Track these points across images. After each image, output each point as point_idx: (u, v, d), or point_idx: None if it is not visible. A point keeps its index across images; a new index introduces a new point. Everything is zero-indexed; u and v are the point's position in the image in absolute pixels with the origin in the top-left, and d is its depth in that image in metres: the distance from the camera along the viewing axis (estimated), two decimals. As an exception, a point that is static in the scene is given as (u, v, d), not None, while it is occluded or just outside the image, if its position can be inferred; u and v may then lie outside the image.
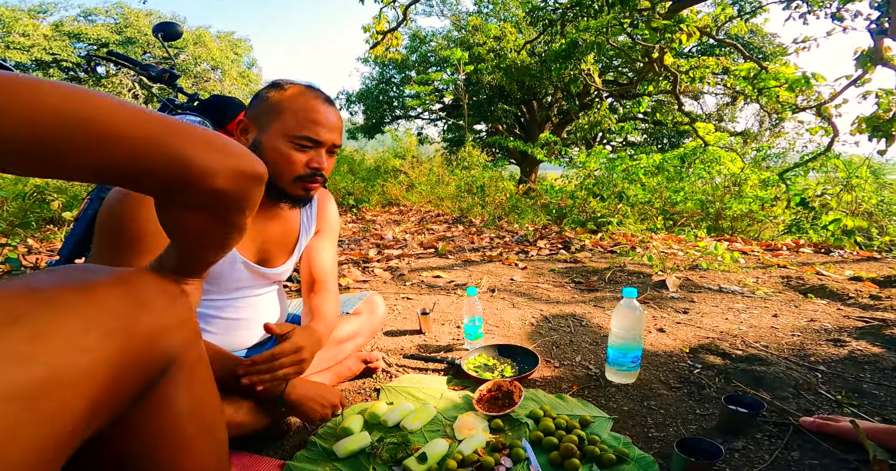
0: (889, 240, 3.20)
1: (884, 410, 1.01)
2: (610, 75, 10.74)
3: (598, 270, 2.35)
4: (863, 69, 3.36)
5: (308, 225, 1.08)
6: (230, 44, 16.30)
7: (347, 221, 4.50)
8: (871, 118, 3.31)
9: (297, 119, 0.85)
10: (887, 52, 3.26)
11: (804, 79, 4.03)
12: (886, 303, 1.76)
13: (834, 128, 3.87)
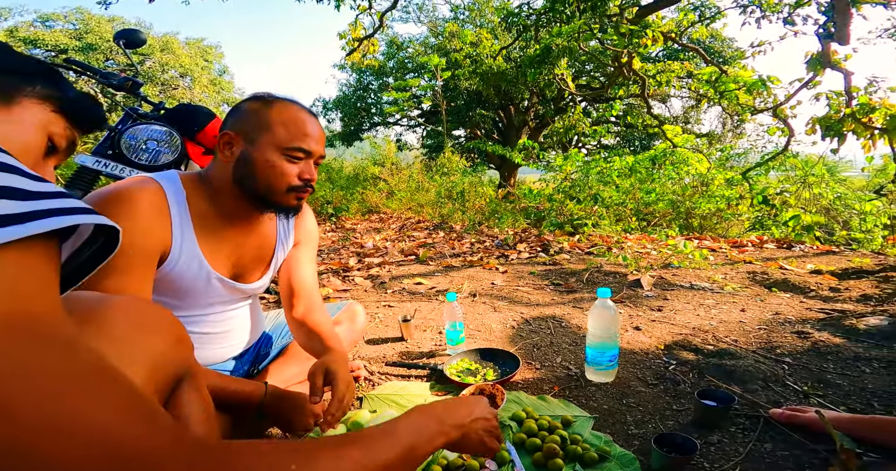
0: (847, 234, 3.36)
1: (848, 399, 1.05)
2: (583, 80, 10.98)
3: (576, 271, 2.39)
4: (813, 72, 3.54)
5: (285, 238, 1.06)
6: (200, 50, 15.88)
7: (326, 230, 4.44)
8: (824, 119, 3.47)
9: (288, 131, 0.86)
10: (834, 56, 3.43)
11: (761, 82, 4.21)
12: (845, 294, 1.84)
13: (790, 128, 4.05)
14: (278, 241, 1.04)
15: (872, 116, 3.24)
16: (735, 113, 5.49)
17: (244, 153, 0.86)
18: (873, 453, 0.83)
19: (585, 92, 9.78)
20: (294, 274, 1.07)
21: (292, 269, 1.08)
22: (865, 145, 3.32)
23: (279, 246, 1.05)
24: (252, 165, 0.85)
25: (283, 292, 1.07)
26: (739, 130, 9.76)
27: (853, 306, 1.70)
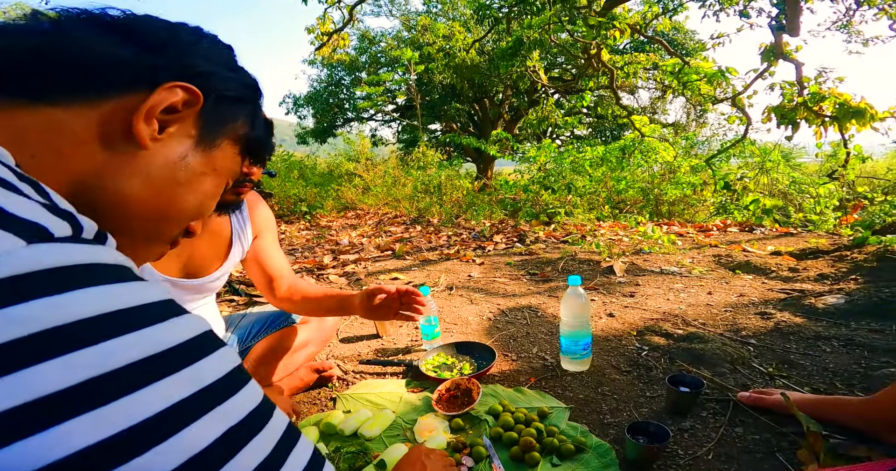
0: (803, 216, 3.48)
1: (811, 379, 1.06)
2: (555, 72, 11.01)
3: (551, 260, 2.37)
4: (767, 62, 3.62)
5: (241, 229, 1.02)
6: None
7: (301, 228, 4.30)
8: (778, 108, 3.57)
9: None
10: (786, 47, 3.52)
11: (720, 73, 4.29)
12: (803, 274, 1.89)
13: (747, 117, 4.15)
14: (234, 233, 1.00)
15: (823, 105, 3.34)
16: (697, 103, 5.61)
17: None
18: (839, 435, 0.83)
19: (557, 84, 9.82)
20: (266, 262, 1.07)
21: (262, 259, 1.07)
22: (817, 132, 3.43)
23: (235, 238, 1.00)
24: None
25: (262, 282, 1.07)
26: (702, 119, 10.01)
27: (811, 286, 1.74)
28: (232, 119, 0.41)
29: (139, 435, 0.21)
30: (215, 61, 0.40)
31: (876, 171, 4.63)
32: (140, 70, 0.35)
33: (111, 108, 0.34)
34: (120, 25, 0.36)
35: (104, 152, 0.33)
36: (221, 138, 0.40)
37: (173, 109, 0.36)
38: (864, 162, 3.34)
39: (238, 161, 0.44)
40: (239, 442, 0.25)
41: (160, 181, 0.36)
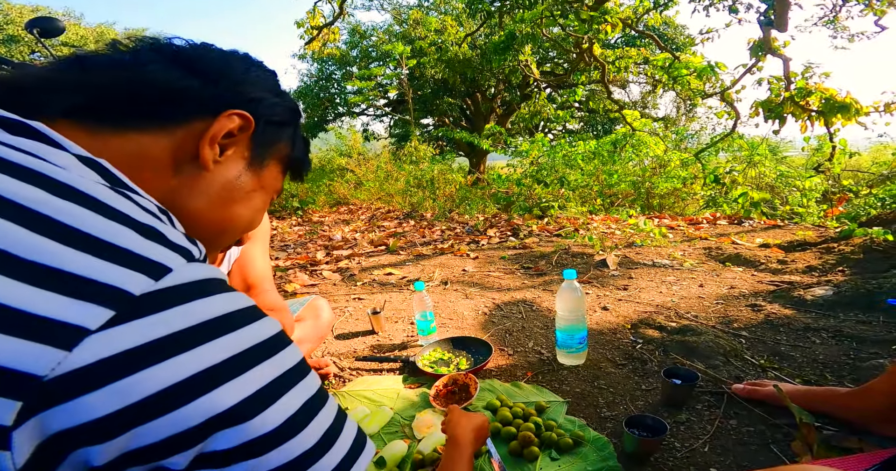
0: (789, 209, 3.52)
1: (802, 370, 1.07)
2: (547, 67, 10.94)
3: (545, 254, 2.37)
4: (756, 58, 3.63)
5: None
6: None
7: (292, 224, 4.24)
8: (766, 102, 3.59)
9: None
10: (774, 42, 3.53)
11: (709, 68, 4.30)
12: (792, 266, 1.91)
13: (736, 112, 4.18)
14: None
15: (809, 100, 3.37)
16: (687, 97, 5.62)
17: None
18: (832, 426, 0.83)
19: (549, 78, 9.77)
20: (248, 269, 1.02)
21: (245, 265, 1.02)
22: (803, 127, 3.46)
23: None
24: None
25: (240, 289, 0.99)
26: (692, 113, 10.05)
27: (800, 278, 1.76)
28: (277, 141, 0.45)
29: (251, 404, 0.28)
30: (263, 88, 0.44)
31: (860, 164, 4.71)
32: (204, 100, 0.39)
33: (182, 135, 0.38)
34: (184, 57, 0.40)
35: (175, 175, 0.38)
36: (269, 159, 0.45)
37: (230, 134, 0.40)
38: (850, 157, 3.37)
39: (281, 179, 0.48)
40: (314, 410, 0.32)
41: (220, 199, 0.41)
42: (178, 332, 0.26)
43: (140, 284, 0.26)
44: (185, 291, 0.27)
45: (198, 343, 0.27)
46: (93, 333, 0.24)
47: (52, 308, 0.23)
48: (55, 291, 0.24)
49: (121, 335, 0.24)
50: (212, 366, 0.27)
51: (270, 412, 0.29)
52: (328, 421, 0.33)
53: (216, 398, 0.26)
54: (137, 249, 0.27)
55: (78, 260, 0.25)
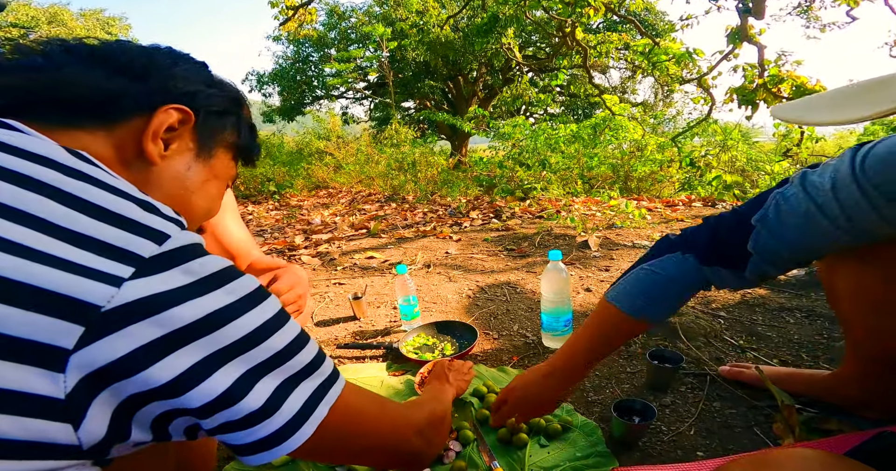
0: (758, 192, 3.59)
1: (779, 351, 1.07)
2: (529, 50, 10.74)
3: (527, 235, 2.33)
4: (732, 45, 3.62)
5: None
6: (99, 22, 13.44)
7: (269, 208, 4.06)
8: (740, 89, 3.60)
9: None
10: (751, 30, 3.52)
11: (687, 54, 4.28)
12: (765, 247, 1.92)
13: (711, 97, 4.19)
14: None
15: (781, 87, 3.38)
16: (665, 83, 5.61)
17: None
18: (811, 408, 0.82)
19: (532, 62, 9.61)
20: (224, 238, 0.95)
21: (222, 236, 0.95)
22: (774, 113, 3.49)
23: None
24: None
25: None
26: (669, 99, 10.11)
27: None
28: (221, 130, 0.47)
29: (265, 330, 0.35)
30: (195, 80, 0.44)
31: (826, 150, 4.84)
32: (136, 98, 0.40)
33: (123, 133, 0.40)
34: (101, 56, 0.40)
35: (126, 171, 0.40)
36: (216, 148, 0.46)
37: (172, 128, 0.41)
38: (816, 142, 3.44)
39: (232, 165, 0.50)
40: (306, 337, 0.40)
41: (174, 191, 0.43)
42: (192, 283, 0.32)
43: (148, 248, 0.31)
44: (186, 251, 0.33)
45: (210, 290, 0.33)
46: (127, 281, 0.29)
47: (92, 261, 0.29)
48: (89, 251, 0.29)
49: (149, 283, 0.30)
50: (226, 305, 0.33)
51: (277, 336, 0.36)
52: (314, 349, 0.40)
53: (225, 333, 0.33)
54: (142, 219, 0.32)
55: (99, 228, 0.30)
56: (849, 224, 0.52)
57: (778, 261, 0.58)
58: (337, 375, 0.42)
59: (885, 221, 0.50)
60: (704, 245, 0.62)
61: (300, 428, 0.36)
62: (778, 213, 0.56)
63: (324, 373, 0.40)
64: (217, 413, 0.33)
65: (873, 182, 0.49)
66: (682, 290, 0.65)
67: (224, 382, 0.32)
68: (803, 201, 0.54)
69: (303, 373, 0.38)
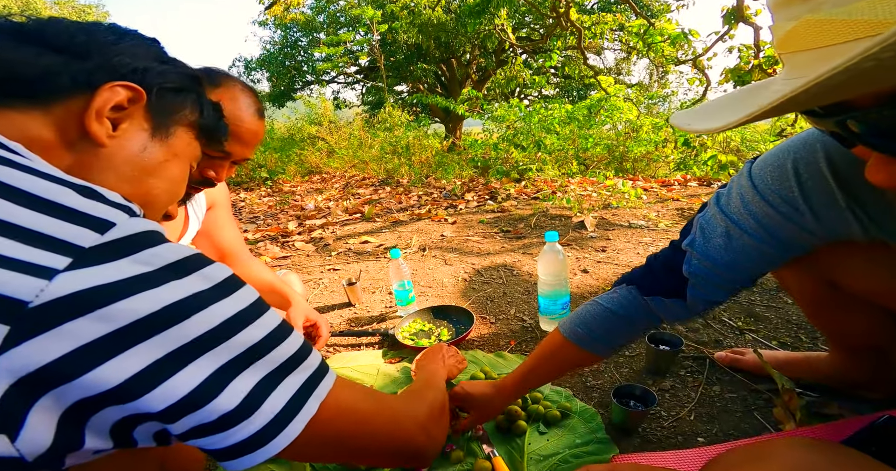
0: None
1: (777, 332, 1.03)
2: (523, 32, 10.42)
3: (523, 217, 2.28)
4: (728, 26, 3.50)
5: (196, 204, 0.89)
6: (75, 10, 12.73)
7: (262, 195, 3.95)
8: (735, 70, 3.51)
9: None
10: (747, 11, 3.39)
11: (683, 35, 4.15)
12: (760, 227, 1.89)
13: (707, 78, 4.09)
14: (189, 208, 0.87)
15: (776, 68, 3.29)
16: (660, 64, 5.47)
17: None
18: (812, 392, 0.80)
19: (525, 44, 9.33)
20: (218, 237, 0.95)
21: (214, 233, 0.94)
22: (768, 93, 3.42)
23: (192, 213, 0.88)
24: None
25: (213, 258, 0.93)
26: (664, 80, 9.91)
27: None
28: (179, 108, 0.43)
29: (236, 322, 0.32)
30: (144, 57, 0.41)
31: (816, 128, 4.80)
32: (74, 75, 0.36)
33: (62, 113, 0.36)
34: (32, 33, 0.37)
35: (71, 153, 0.36)
36: (174, 127, 0.43)
37: (120, 107, 0.38)
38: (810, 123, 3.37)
39: (196, 145, 0.47)
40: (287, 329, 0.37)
41: (130, 173, 0.39)
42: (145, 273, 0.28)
43: (89, 237, 0.27)
44: (136, 240, 0.29)
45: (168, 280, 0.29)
46: (61, 272, 0.25)
47: (22, 252, 0.25)
48: (15, 241, 0.26)
49: (89, 275, 0.26)
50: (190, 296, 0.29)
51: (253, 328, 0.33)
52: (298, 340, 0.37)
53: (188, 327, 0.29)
54: (80, 206, 0.29)
55: (28, 216, 0.27)
56: (768, 235, 0.51)
57: (713, 282, 0.56)
58: (326, 368, 0.39)
59: (799, 228, 0.49)
60: (642, 275, 0.63)
61: (286, 427, 0.33)
62: (703, 236, 0.56)
63: (310, 366, 0.37)
64: (185, 417, 0.29)
65: (771, 188, 0.49)
66: (623, 323, 0.64)
67: (189, 381, 0.29)
68: (721, 222, 0.54)
69: (286, 367, 0.34)
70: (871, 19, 0.23)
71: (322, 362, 0.39)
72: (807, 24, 0.27)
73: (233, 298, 0.32)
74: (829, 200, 0.47)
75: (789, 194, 0.48)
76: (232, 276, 0.34)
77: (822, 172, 0.46)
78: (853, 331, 0.69)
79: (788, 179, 0.48)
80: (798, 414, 0.73)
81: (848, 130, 0.29)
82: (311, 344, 0.38)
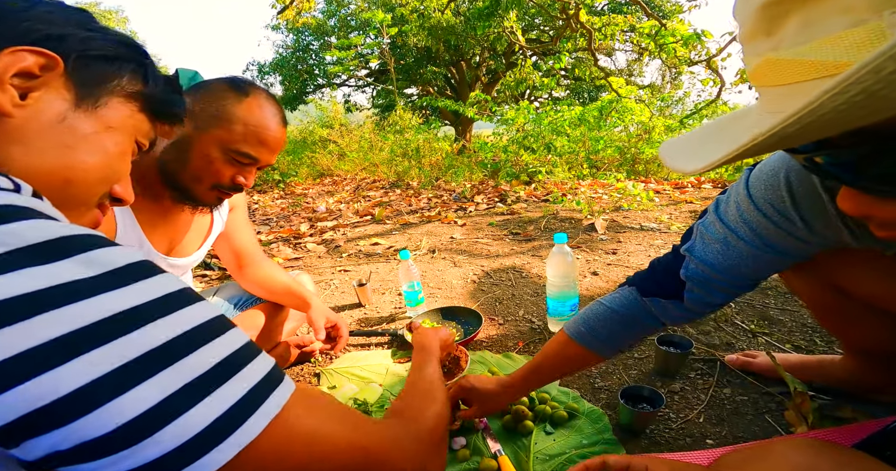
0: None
1: (791, 336, 1.02)
2: (533, 34, 10.43)
3: (533, 219, 2.29)
4: (743, 25, 3.47)
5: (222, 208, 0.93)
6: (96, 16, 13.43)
7: (274, 197, 4.03)
8: (750, 69, 3.46)
9: (245, 134, 0.71)
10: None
11: (696, 36, 4.11)
12: (776, 229, 1.86)
13: (721, 79, 4.04)
14: (214, 211, 0.89)
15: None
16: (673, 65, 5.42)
17: (185, 136, 0.70)
18: (825, 395, 0.79)
19: (535, 46, 9.33)
20: (234, 240, 0.98)
21: (231, 235, 0.98)
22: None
23: (216, 215, 0.92)
24: (187, 152, 0.70)
25: (229, 260, 0.99)
26: (676, 81, 9.81)
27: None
28: (112, 77, 0.40)
29: (134, 317, 0.26)
30: (63, 23, 0.37)
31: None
32: None
33: None
34: None
35: None
36: (106, 97, 0.39)
37: (30, 75, 0.34)
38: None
39: (141, 119, 0.42)
40: (216, 330, 0.30)
41: (44, 146, 0.35)
42: None
43: None
44: None
45: (30, 264, 0.24)
46: None
47: None
48: None
49: None
50: (62, 284, 0.24)
51: (162, 325, 0.27)
52: (238, 340, 0.31)
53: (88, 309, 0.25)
54: None
55: None
56: (762, 243, 0.53)
57: (710, 286, 0.58)
58: (280, 377, 0.31)
59: (792, 236, 0.51)
60: (643, 278, 0.65)
61: (210, 452, 0.26)
62: (702, 241, 0.58)
63: (256, 373, 0.29)
64: (45, 434, 0.22)
65: (765, 198, 0.51)
66: (624, 322, 0.66)
67: (57, 386, 0.22)
68: (720, 229, 0.56)
69: (215, 375, 0.27)
70: (825, 61, 0.24)
71: (275, 368, 0.31)
72: (768, 62, 0.28)
73: (132, 288, 0.27)
74: (820, 210, 0.48)
75: (781, 204, 0.50)
76: (138, 263, 0.28)
77: (813, 182, 0.47)
78: (862, 335, 0.69)
79: (780, 189, 0.49)
80: (810, 417, 0.73)
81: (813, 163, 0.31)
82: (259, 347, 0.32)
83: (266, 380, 0.30)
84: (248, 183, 0.75)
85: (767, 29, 0.27)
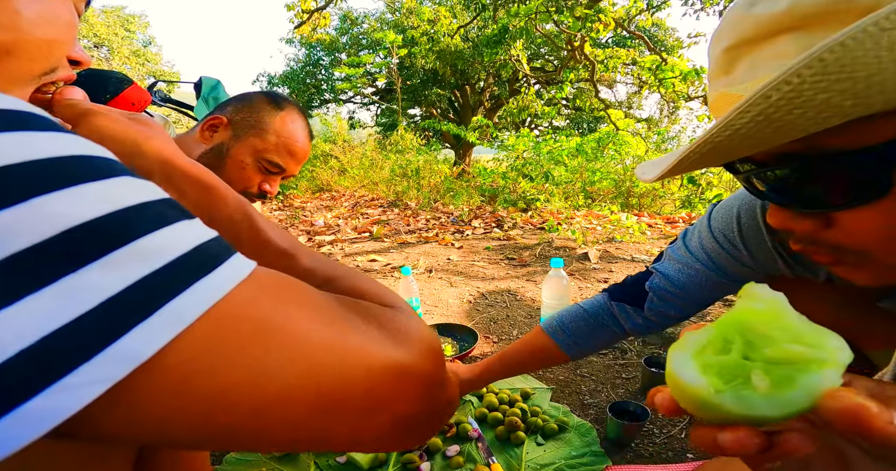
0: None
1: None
2: (537, 63, 10.93)
3: (528, 246, 2.38)
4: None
5: None
6: (120, 19, 13.94)
7: (273, 208, 4.13)
8: (745, 108, 3.69)
9: (277, 144, 0.81)
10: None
11: (694, 71, 4.38)
12: (763, 265, 1.97)
13: (717, 116, 4.27)
14: None
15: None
16: (671, 100, 5.73)
17: (224, 144, 0.80)
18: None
19: (539, 75, 9.77)
20: None
21: None
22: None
23: None
24: (225, 158, 0.79)
25: None
26: (674, 115, 10.27)
27: (770, 276, 1.82)
28: None
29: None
30: None
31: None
32: None
33: None
34: None
35: None
36: None
37: None
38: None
39: None
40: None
41: None
42: None
43: None
44: None
45: None
46: None
47: None
48: None
49: None
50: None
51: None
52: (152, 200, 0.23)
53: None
54: None
55: None
56: (715, 267, 0.63)
57: (667, 299, 0.68)
58: (228, 251, 0.21)
59: (739, 263, 0.60)
60: (616, 286, 0.75)
61: (83, 363, 0.16)
62: (669, 261, 0.69)
63: (168, 251, 0.19)
64: None
65: (720, 228, 0.60)
66: (589, 321, 0.75)
67: None
68: (683, 253, 0.67)
69: (87, 247, 0.17)
70: None
71: (217, 239, 0.22)
72: (723, 96, 0.36)
73: None
74: (760, 240, 0.58)
75: (731, 234, 0.59)
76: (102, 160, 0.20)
77: (756, 216, 0.58)
78: None
79: (732, 222, 0.60)
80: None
81: (751, 183, 0.38)
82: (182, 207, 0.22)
83: (191, 257, 0.19)
84: (273, 191, 0.83)
85: (726, 68, 0.35)
